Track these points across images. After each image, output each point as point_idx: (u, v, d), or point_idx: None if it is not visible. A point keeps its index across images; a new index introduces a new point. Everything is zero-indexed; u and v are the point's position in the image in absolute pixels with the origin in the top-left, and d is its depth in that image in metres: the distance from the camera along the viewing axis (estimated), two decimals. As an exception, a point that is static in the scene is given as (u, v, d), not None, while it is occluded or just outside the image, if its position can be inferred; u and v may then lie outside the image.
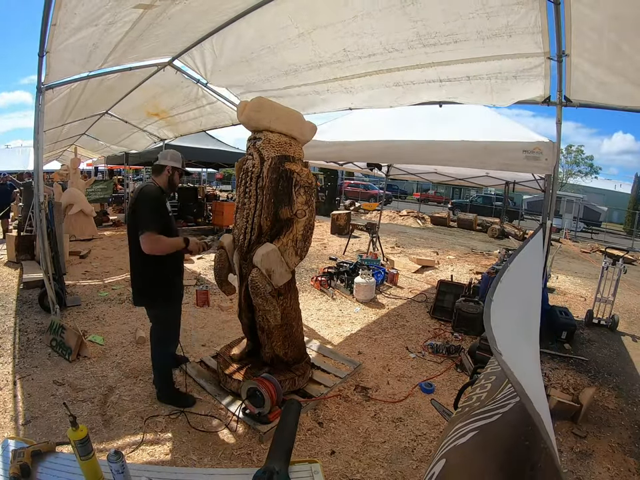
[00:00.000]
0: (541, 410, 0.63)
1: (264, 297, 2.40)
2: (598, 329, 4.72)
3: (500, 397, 1.07)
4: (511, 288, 1.15)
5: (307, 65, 3.36)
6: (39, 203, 3.62)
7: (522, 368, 0.79)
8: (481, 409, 1.10)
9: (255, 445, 2.30)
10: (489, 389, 1.22)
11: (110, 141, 9.20)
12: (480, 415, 1.05)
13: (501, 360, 0.71)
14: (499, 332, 0.81)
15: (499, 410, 0.98)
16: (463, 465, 0.96)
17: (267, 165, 2.47)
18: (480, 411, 1.09)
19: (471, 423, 1.05)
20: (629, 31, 2.06)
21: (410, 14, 2.39)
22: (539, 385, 1.00)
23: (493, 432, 0.95)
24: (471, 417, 1.09)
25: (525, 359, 1.01)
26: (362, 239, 9.65)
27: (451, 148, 3.48)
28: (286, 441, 1.30)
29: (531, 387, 0.69)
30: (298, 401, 1.72)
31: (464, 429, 1.03)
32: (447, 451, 1.01)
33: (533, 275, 1.56)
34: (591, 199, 22.26)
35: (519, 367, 0.73)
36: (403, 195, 26.62)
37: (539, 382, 1.02)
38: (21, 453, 1.21)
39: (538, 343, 1.29)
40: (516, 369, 0.69)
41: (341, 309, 4.80)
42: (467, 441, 0.97)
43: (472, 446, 0.95)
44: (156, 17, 2.62)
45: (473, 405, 1.21)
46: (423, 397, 2.96)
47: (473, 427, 1.01)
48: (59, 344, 3.20)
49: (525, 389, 0.64)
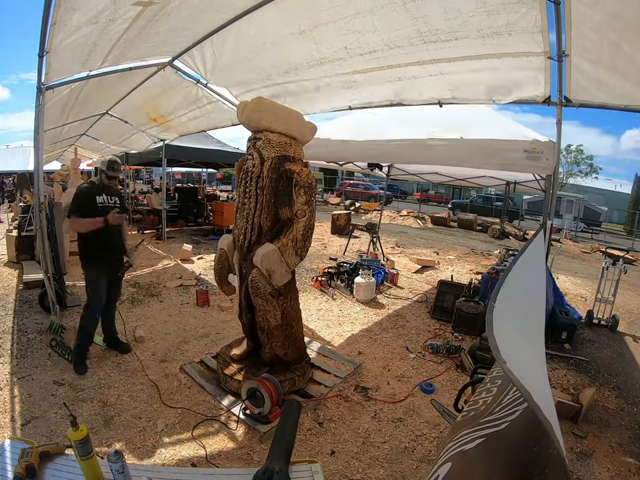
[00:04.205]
0: (549, 415, 0.62)
1: (264, 297, 2.40)
2: (598, 329, 4.72)
3: (506, 401, 1.06)
4: (514, 291, 1.14)
5: (307, 63, 3.36)
6: (39, 203, 3.62)
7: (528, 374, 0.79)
8: (488, 416, 1.09)
9: (255, 444, 2.30)
10: (494, 393, 1.21)
11: (110, 141, 9.21)
12: (488, 423, 1.04)
13: (506, 369, 0.71)
14: (502, 339, 0.81)
15: (506, 418, 0.97)
16: (469, 471, 0.95)
17: (267, 165, 2.46)
18: (488, 419, 1.08)
19: (478, 430, 1.04)
20: (629, 30, 2.06)
21: (411, 11, 2.40)
22: (546, 390, 1.00)
23: (501, 440, 0.94)
24: (479, 425, 1.07)
25: (531, 363, 1.00)
26: (362, 239, 9.64)
27: (452, 148, 3.47)
28: (286, 441, 1.30)
29: (538, 392, 0.68)
30: (298, 401, 1.71)
31: (471, 435, 1.02)
32: (453, 455, 1.00)
33: (535, 277, 1.55)
34: (591, 199, 22.24)
35: (524, 373, 0.72)
36: (403, 195, 26.60)
37: (546, 386, 1.02)
38: (28, 453, 1.20)
39: (543, 346, 1.28)
40: (522, 375, 0.69)
41: (341, 309, 4.80)
42: (474, 447, 0.96)
43: (479, 452, 0.94)
44: (155, 14, 2.62)
45: (479, 409, 1.20)
46: (423, 397, 2.96)
47: (480, 434, 1.01)
48: (58, 344, 3.20)
49: (533, 395, 0.63)
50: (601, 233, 17.85)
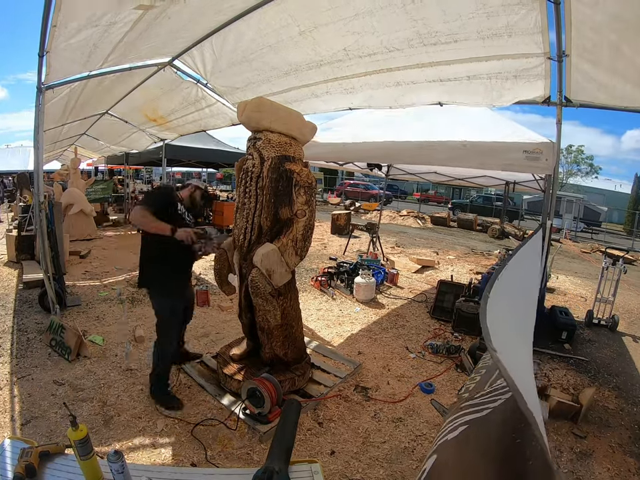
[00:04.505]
0: (532, 407, 0.63)
1: (264, 297, 2.40)
2: (598, 329, 4.72)
3: (489, 389, 1.07)
4: (508, 285, 1.15)
5: (307, 65, 3.36)
6: (39, 202, 3.62)
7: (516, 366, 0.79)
8: (469, 401, 1.09)
9: (255, 444, 2.30)
10: (477, 381, 1.22)
11: (110, 141, 9.20)
12: (469, 408, 1.05)
13: (496, 357, 0.71)
14: (495, 329, 0.81)
15: (488, 405, 0.98)
16: (453, 461, 0.95)
17: (267, 165, 2.47)
18: (469, 403, 1.08)
19: (460, 416, 1.04)
20: (629, 31, 2.06)
21: (411, 13, 2.40)
22: (532, 383, 1.00)
23: (483, 427, 0.94)
24: (460, 410, 1.08)
25: (519, 356, 1.00)
26: (362, 239, 9.64)
27: (451, 148, 3.48)
28: (286, 441, 1.30)
29: (524, 384, 0.69)
30: (298, 401, 1.72)
31: (454, 423, 1.03)
32: (438, 446, 1.01)
33: (530, 274, 1.56)
34: (591, 199, 22.24)
35: (513, 364, 0.73)
36: (403, 195, 26.59)
37: (532, 380, 1.02)
38: (28, 453, 1.20)
39: (532, 341, 1.29)
40: (510, 366, 0.69)
41: (341, 309, 4.80)
42: (457, 435, 0.97)
43: (462, 441, 0.95)
44: (155, 17, 2.62)
45: (462, 395, 1.20)
46: (422, 397, 2.96)
47: (462, 420, 1.01)
48: (58, 344, 3.20)
49: (519, 387, 0.64)
50: (600, 233, 17.85)
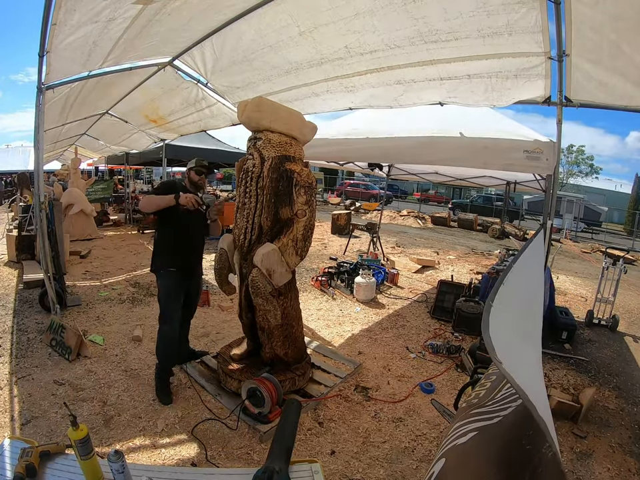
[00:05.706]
0: (544, 415, 0.62)
1: (264, 297, 2.40)
2: (598, 329, 4.72)
3: (499, 397, 1.07)
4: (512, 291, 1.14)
5: (308, 63, 3.36)
6: (39, 202, 3.62)
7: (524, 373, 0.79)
8: (479, 408, 1.09)
9: (255, 444, 2.30)
10: (487, 387, 1.22)
11: (110, 141, 9.20)
12: (480, 415, 1.05)
13: (502, 369, 0.71)
14: (498, 339, 0.81)
15: (499, 412, 0.98)
16: (462, 466, 0.95)
17: (268, 164, 2.46)
18: (479, 410, 1.08)
19: (470, 422, 1.04)
20: (629, 30, 2.06)
21: (411, 11, 2.40)
22: (542, 390, 1.00)
23: (494, 434, 0.95)
24: (470, 417, 1.08)
25: (527, 363, 1.00)
26: (362, 239, 9.64)
27: (453, 146, 3.47)
28: (286, 441, 1.30)
29: (534, 392, 0.69)
30: (298, 401, 1.71)
31: (463, 429, 1.03)
32: (447, 450, 1.01)
33: (534, 278, 1.55)
34: (591, 199, 22.23)
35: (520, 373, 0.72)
36: (403, 195, 26.60)
37: (542, 386, 1.02)
38: (28, 453, 1.19)
39: (540, 345, 1.29)
40: (518, 376, 0.69)
41: (341, 308, 4.80)
42: (466, 441, 0.97)
43: (472, 446, 0.95)
44: (155, 13, 2.62)
45: (471, 401, 1.21)
46: (423, 397, 2.96)
47: (472, 427, 1.01)
48: (58, 343, 3.20)
49: (529, 395, 0.63)
50: (601, 233, 17.86)
